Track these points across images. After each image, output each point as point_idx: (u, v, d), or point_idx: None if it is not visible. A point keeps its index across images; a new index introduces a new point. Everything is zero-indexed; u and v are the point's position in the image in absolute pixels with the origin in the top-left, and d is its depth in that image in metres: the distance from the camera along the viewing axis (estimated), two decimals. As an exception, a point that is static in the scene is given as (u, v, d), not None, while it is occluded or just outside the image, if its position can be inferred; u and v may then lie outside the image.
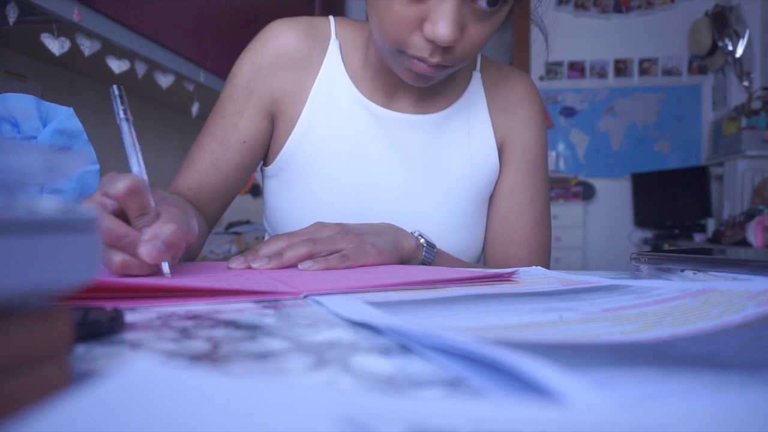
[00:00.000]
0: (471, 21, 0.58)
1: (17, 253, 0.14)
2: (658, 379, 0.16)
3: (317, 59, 0.74)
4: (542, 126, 0.80)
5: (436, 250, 0.64)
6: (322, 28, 0.75)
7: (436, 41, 0.56)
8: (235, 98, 0.73)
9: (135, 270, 0.41)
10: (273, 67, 0.73)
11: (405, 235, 0.62)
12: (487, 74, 0.79)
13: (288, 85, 0.73)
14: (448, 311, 0.29)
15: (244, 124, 0.72)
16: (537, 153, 0.79)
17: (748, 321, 0.25)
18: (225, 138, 0.72)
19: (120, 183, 0.41)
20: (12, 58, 1.35)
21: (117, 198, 0.41)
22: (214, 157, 0.72)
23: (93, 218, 0.16)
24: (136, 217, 0.42)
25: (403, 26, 0.58)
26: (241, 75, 0.73)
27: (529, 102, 0.79)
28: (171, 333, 0.25)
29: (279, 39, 0.73)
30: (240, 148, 0.72)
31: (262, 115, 0.73)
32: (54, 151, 0.15)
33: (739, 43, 3.41)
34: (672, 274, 0.46)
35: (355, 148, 0.72)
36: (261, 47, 0.73)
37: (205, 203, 0.72)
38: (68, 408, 0.11)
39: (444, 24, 0.55)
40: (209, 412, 0.12)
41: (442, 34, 0.55)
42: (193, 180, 0.72)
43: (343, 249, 0.54)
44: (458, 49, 0.59)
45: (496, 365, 0.18)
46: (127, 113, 0.47)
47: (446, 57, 0.59)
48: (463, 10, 0.57)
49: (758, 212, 2.69)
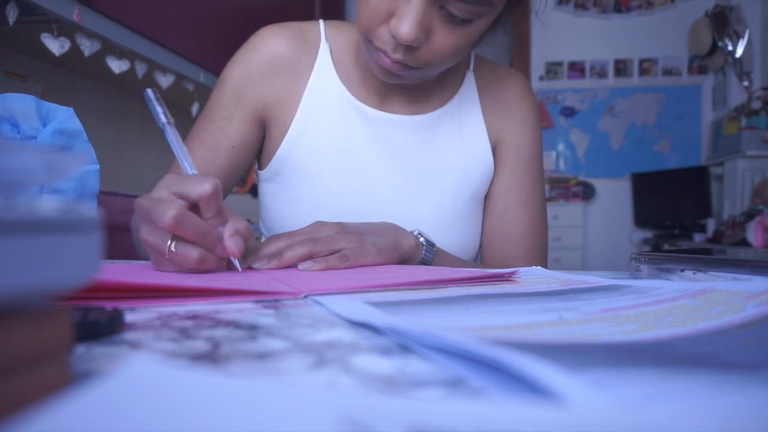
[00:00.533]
0: (439, 27, 0.58)
1: (17, 253, 0.14)
2: (658, 379, 0.16)
3: (308, 64, 0.74)
4: (536, 125, 0.80)
5: (435, 249, 0.64)
6: (312, 33, 0.75)
7: (397, 37, 0.57)
8: (224, 103, 0.73)
9: (211, 264, 0.45)
10: (263, 73, 0.73)
11: (405, 234, 0.62)
12: (480, 74, 0.79)
13: (279, 90, 0.73)
14: (448, 311, 0.29)
15: (233, 129, 0.73)
16: (531, 152, 0.79)
17: (748, 321, 0.25)
18: (214, 143, 0.73)
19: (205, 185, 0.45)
20: (12, 58, 1.35)
21: (202, 199, 0.46)
22: (203, 161, 0.72)
23: (93, 218, 0.16)
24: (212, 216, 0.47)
25: (374, 17, 0.59)
26: (231, 80, 0.73)
27: (523, 101, 0.79)
28: (171, 333, 0.25)
29: (268, 45, 0.73)
30: (228, 153, 0.73)
31: (251, 120, 0.74)
32: (54, 151, 0.15)
33: (739, 43, 3.41)
34: (672, 274, 0.46)
35: (349, 150, 0.73)
36: (250, 54, 0.74)
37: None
38: (68, 408, 0.11)
39: (406, 22, 0.56)
40: (209, 412, 0.12)
41: (402, 32, 0.56)
42: None
43: (343, 249, 0.55)
44: (422, 52, 0.59)
45: (496, 365, 0.18)
46: (167, 116, 0.49)
47: (408, 57, 0.59)
48: (430, 13, 0.57)
49: (758, 212, 2.69)
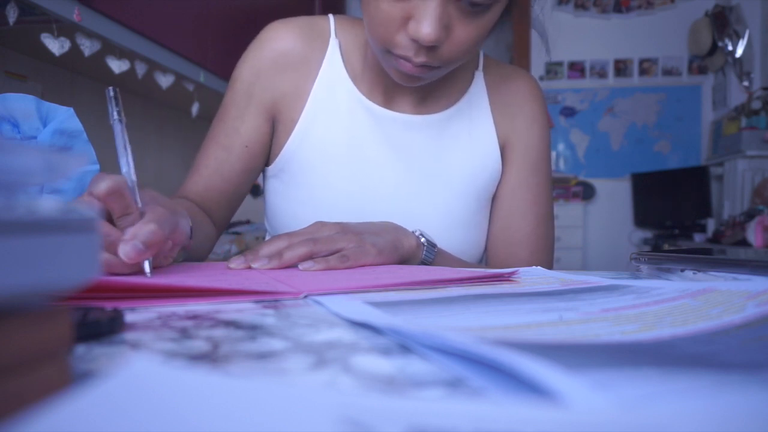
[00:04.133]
0: (457, 21, 0.57)
1: (17, 253, 0.14)
2: (658, 380, 0.16)
3: (317, 60, 0.73)
4: (545, 126, 0.79)
5: (436, 250, 0.64)
6: (322, 28, 0.74)
7: (420, 41, 0.56)
8: (236, 102, 0.73)
9: (117, 269, 0.42)
10: (272, 70, 0.73)
11: (405, 233, 0.62)
12: (489, 74, 0.78)
13: (287, 87, 0.73)
14: (448, 311, 0.29)
15: (245, 128, 0.73)
16: (540, 153, 0.78)
17: (748, 321, 0.25)
18: (228, 143, 0.73)
19: (102, 183, 0.42)
20: (12, 58, 1.34)
21: (98, 198, 0.42)
22: (218, 162, 0.72)
23: (93, 218, 0.16)
24: (118, 217, 0.43)
25: (390, 25, 0.57)
26: (241, 79, 0.73)
27: (532, 102, 0.78)
28: (171, 333, 0.25)
29: (277, 41, 0.73)
30: (242, 152, 0.73)
31: (263, 118, 0.73)
32: (54, 151, 0.15)
33: (739, 43, 3.41)
34: (672, 274, 0.46)
35: (355, 149, 0.72)
36: (259, 50, 0.73)
37: (211, 207, 0.73)
38: (68, 408, 0.11)
39: (427, 23, 0.55)
40: (209, 412, 0.12)
41: (425, 33, 0.55)
42: (199, 185, 0.72)
43: (344, 249, 0.54)
44: (444, 49, 0.58)
45: (496, 366, 0.18)
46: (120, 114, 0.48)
47: (432, 57, 0.59)
48: (447, 10, 0.56)
49: (758, 212, 2.69)
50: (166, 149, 2.03)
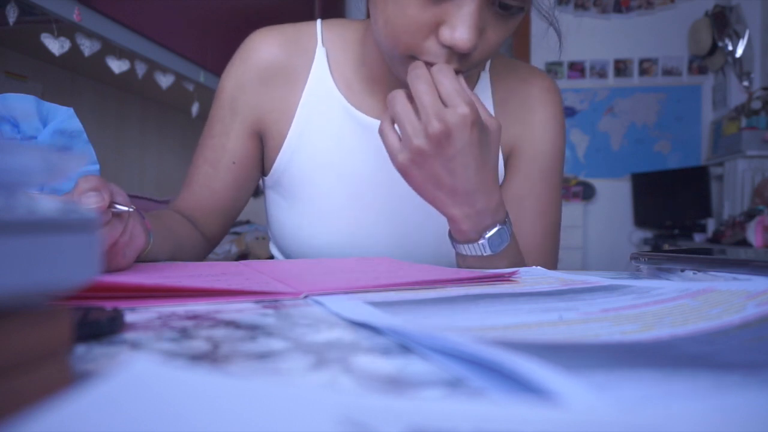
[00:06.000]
0: (490, 24, 0.55)
1: (17, 253, 0.14)
2: (657, 380, 0.16)
3: (303, 71, 0.70)
4: (559, 130, 0.75)
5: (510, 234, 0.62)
6: (308, 36, 0.71)
7: (455, 47, 0.52)
8: (221, 118, 0.71)
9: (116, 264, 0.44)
10: (255, 84, 0.70)
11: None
12: (497, 75, 0.73)
13: (273, 101, 0.70)
14: (448, 311, 0.29)
15: (231, 144, 0.71)
16: (551, 160, 0.74)
17: (748, 321, 0.25)
18: (215, 159, 0.71)
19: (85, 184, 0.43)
20: (12, 58, 1.34)
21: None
22: (206, 178, 0.71)
23: (93, 218, 0.16)
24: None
25: (417, 30, 0.54)
26: (225, 93, 0.72)
27: (547, 104, 0.74)
28: (171, 333, 0.25)
29: (260, 53, 0.70)
30: (230, 168, 0.71)
31: (248, 134, 0.72)
32: (54, 151, 0.15)
33: (739, 43, 3.41)
34: (672, 274, 0.46)
35: (348, 161, 0.70)
36: (242, 63, 0.71)
37: (203, 222, 0.72)
38: (68, 408, 0.11)
39: (464, 29, 0.51)
40: (209, 412, 0.12)
41: (462, 40, 0.51)
42: (189, 200, 0.72)
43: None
44: (475, 54, 0.55)
45: (496, 367, 0.18)
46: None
47: (463, 63, 0.55)
48: (483, 14, 0.53)
49: (758, 212, 2.69)
50: (166, 149, 2.03)
